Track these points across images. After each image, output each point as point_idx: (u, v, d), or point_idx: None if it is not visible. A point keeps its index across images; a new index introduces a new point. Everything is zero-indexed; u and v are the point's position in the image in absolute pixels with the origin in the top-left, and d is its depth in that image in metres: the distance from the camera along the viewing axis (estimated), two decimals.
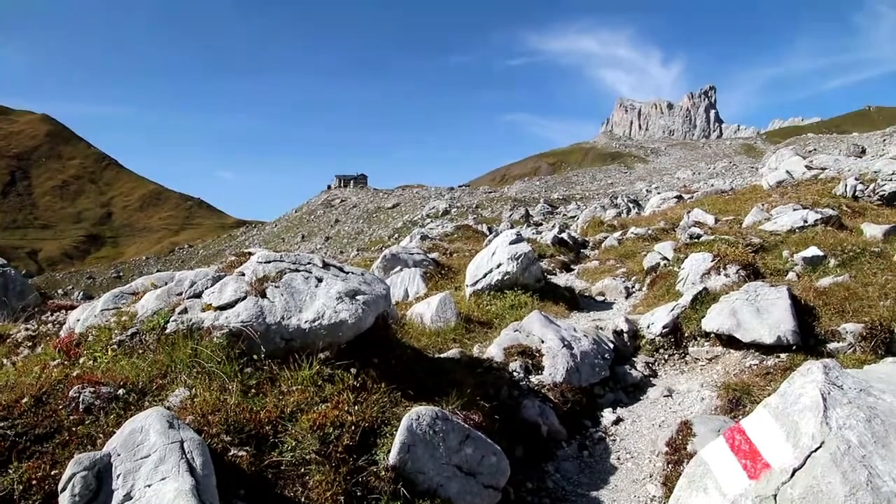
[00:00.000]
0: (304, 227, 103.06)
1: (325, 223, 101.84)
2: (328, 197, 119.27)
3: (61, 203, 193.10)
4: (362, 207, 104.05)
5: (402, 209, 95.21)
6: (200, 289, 6.64)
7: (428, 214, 78.57)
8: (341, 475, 5.08)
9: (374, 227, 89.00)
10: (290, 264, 6.81)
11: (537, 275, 13.82)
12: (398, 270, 15.99)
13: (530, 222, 49.23)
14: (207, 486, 4.19)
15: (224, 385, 5.67)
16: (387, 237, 74.83)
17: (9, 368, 7.01)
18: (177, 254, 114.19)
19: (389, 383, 6.21)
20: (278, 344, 6.05)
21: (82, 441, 5.13)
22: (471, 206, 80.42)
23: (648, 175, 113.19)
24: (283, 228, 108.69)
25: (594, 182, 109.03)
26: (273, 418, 5.43)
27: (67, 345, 6.59)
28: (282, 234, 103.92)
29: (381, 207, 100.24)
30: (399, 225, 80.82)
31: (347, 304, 6.26)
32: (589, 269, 17.98)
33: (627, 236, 20.81)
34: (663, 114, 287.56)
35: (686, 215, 20.49)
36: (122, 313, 6.95)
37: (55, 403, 5.49)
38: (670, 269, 13.61)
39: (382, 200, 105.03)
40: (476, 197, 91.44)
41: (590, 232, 26.46)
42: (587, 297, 14.80)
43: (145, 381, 5.80)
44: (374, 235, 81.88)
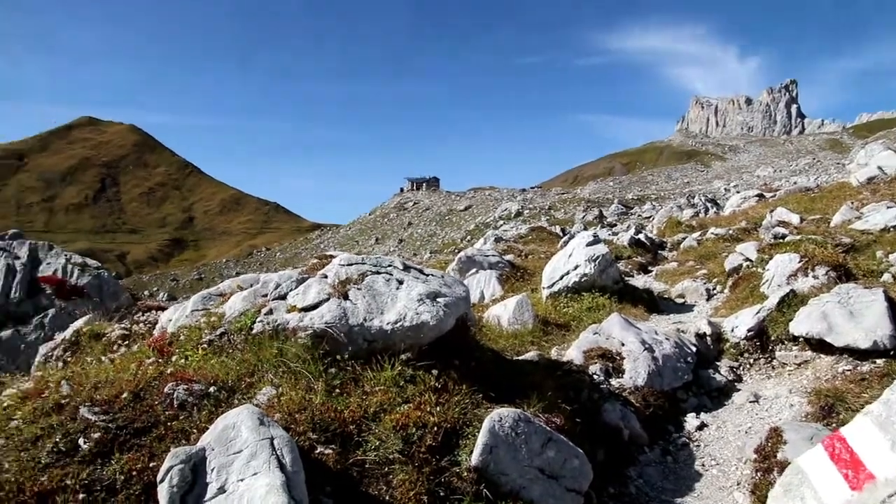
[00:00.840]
0: (377, 230, 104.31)
1: (398, 226, 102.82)
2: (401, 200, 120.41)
3: (147, 209, 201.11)
4: (434, 210, 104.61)
5: (473, 211, 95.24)
6: (285, 291, 6.82)
7: (500, 216, 78.35)
8: (424, 475, 5.13)
9: (447, 230, 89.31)
10: (371, 267, 6.92)
11: (615, 277, 13.63)
12: (474, 272, 16.02)
13: (604, 223, 48.56)
14: (297, 483, 4.30)
15: (309, 384, 5.81)
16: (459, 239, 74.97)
17: (107, 365, 7.35)
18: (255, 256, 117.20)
19: (470, 385, 6.23)
20: (361, 345, 6.15)
21: (177, 436, 5.34)
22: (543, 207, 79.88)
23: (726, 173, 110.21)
24: (356, 231, 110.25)
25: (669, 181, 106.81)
26: (357, 418, 5.52)
27: (161, 344, 6.87)
28: (356, 237, 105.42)
29: (453, 210, 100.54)
30: (471, 227, 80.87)
31: (428, 306, 6.32)
32: (667, 270, 17.62)
33: (707, 237, 20.27)
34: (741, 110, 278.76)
35: (769, 214, 19.83)
36: (211, 314, 7.20)
37: (151, 399, 5.74)
38: (754, 270, 13.20)
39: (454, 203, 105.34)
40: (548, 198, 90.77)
41: (667, 233, 25.91)
42: (666, 299, 14.49)
43: (234, 379, 6.00)
44: (447, 238, 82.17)
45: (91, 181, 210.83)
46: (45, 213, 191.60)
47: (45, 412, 5.96)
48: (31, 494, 4.76)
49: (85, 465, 5.13)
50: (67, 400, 5.96)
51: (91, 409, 5.67)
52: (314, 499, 4.61)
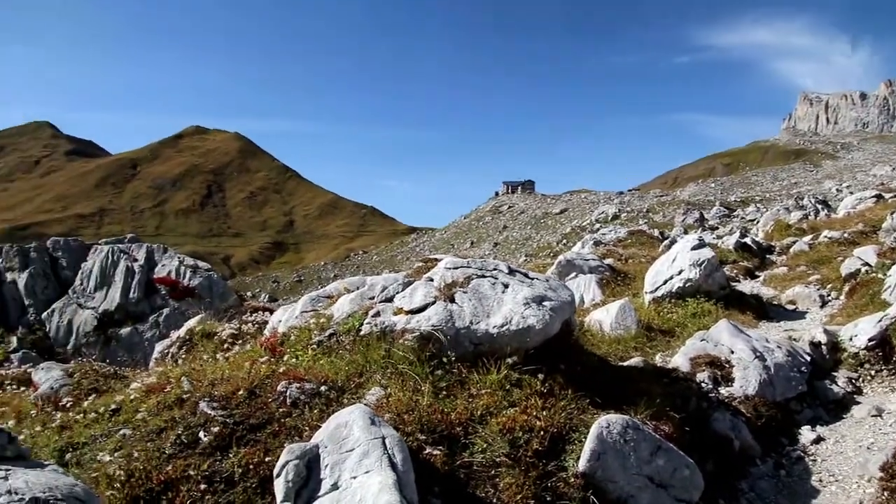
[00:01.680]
0: (472, 234, 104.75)
1: (493, 229, 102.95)
2: (496, 203, 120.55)
3: (250, 213, 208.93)
4: (530, 213, 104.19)
5: (569, 214, 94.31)
6: (391, 293, 6.95)
7: (597, 219, 77.21)
8: (531, 479, 5.11)
9: (542, 233, 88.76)
10: (476, 270, 6.96)
11: (721, 282, 13.20)
12: (573, 276, 15.86)
13: (705, 226, 47.06)
14: (407, 482, 4.36)
15: (416, 386, 5.89)
16: (555, 243, 74.35)
17: (221, 363, 7.68)
18: (352, 259, 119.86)
19: (576, 390, 6.17)
20: (467, 348, 6.19)
21: (290, 432, 5.53)
22: (641, 210, 78.21)
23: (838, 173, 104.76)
24: (452, 235, 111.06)
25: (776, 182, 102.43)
26: (463, 420, 5.56)
27: (272, 343, 7.13)
28: (451, 240, 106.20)
29: (548, 213, 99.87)
30: (567, 230, 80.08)
31: (534, 310, 6.30)
32: (776, 275, 16.91)
33: (819, 240, 19.34)
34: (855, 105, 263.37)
35: (889, 216, 18.72)
36: (320, 315, 7.41)
37: (265, 396, 5.96)
38: (873, 275, 12.50)
39: (550, 206, 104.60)
40: (646, 201, 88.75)
41: (775, 236, 24.87)
42: (776, 305, 13.91)
43: (343, 379, 6.15)
44: (542, 241, 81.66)
45: (198, 187, 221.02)
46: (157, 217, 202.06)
47: (168, 406, 6.28)
48: (158, 482, 5.03)
49: (205, 457, 5.38)
50: (188, 395, 6.27)
51: (210, 404, 5.93)
52: (423, 499, 4.67)
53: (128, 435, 6.05)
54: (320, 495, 4.43)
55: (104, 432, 6.34)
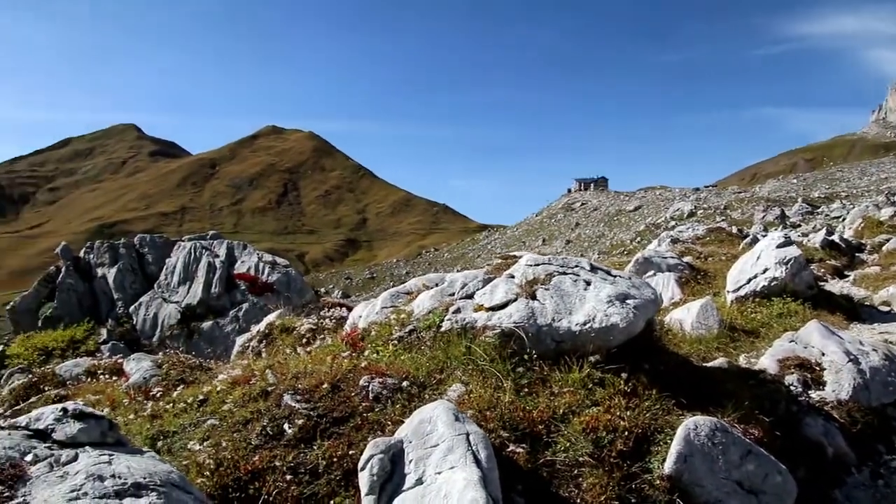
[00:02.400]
0: (544, 231, 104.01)
1: (565, 227, 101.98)
2: (568, 200, 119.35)
3: (324, 210, 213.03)
4: (603, 210, 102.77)
5: (643, 212, 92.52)
6: (472, 290, 6.93)
7: (672, 217, 75.47)
8: (615, 480, 5.01)
9: (615, 231, 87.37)
10: (558, 267, 6.88)
11: (808, 281, 12.69)
12: (651, 274, 15.53)
13: (787, 224, 45.44)
14: (492, 479, 4.34)
15: (497, 383, 5.86)
16: (628, 240, 73.08)
17: (302, 357, 7.82)
18: (424, 256, 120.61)
19: (660, 390, 6.02)
20: (549, 345, 6.12)
21: (373, 427, 5.58)
22: (718, 207, 76.04)
23: None
24: (523, 232, 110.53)
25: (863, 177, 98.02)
26: (545, 418, 5.50)
27: (353, 338, 7.22)
28: (522, 237, 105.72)
29: (621, 210, 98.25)
30: (641, 228, 78.58)
31: (618, 308, 6.18)
32: (868, 275, 16.17)
33: None
34: None
35: None
36: (400, 311, 7.46)
37: (348, 391, 6.04)
38: None
39: (623, 203, 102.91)
40: (724, 197, 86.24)
41: (865, 234, 23.81)
42: (868, 307, 13.30)
43: (424, 375, 6.18)
44: (615, 239, 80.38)
45: (274, 186, 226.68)
46: (234, 215, 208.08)
47: (253, 398, 6.43)
48: (245, 472, 5.15)
49: (290, 448, 5.48)
50: (272, 388, 6.40)
51: (294, 397, 6.04)
52: (506, 496, 4.63)
53: (215, 425, 6.23)
54: (404, 490, 4.45)
55: (193, 422, 6.54)
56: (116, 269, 26.24)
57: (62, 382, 12.10)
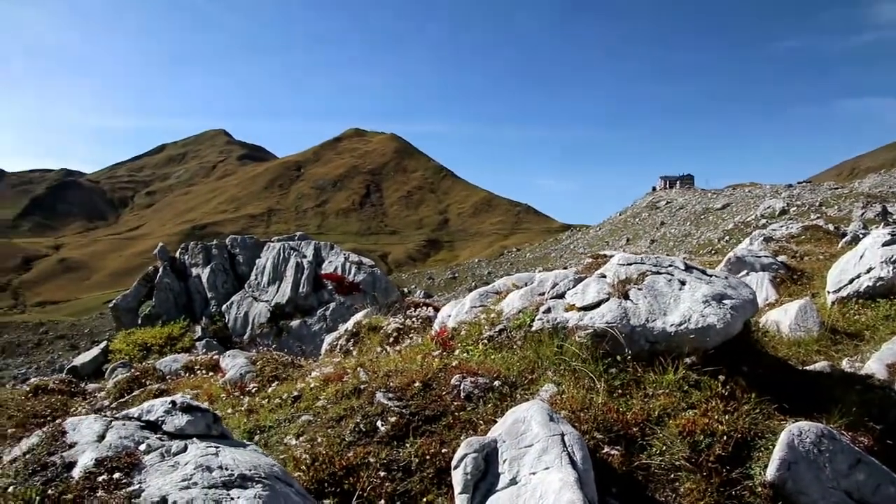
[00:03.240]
0: (628, 230, 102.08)
1: (649, 226, 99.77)
2: (653, 199, 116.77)
3: (406, 211, 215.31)
4: (689, 209, 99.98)
5: (732, 210, 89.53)
6: (563, 289, 6.86)
7: (762, 215, 72.76)
8: (713, 486, 4.87)
9: (702, 230, 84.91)
10: (651, 266, 6.74)
11: None
12: (744, 274, 15.01)
13: (888, 221, 43.12)
14: (588, 481, 4.28)
15: (590, 384, 5.79)
16: (716, 240, 70.92)
17: (392, 356, 7.92)
18: (505, 257, 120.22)
19: (759, 394, 5.81)
20: (642, 346, 6.00)
21: (465, 425, 5.60)
22: (813, 204, 72.88)
23: None
24: (607, 232, 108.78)
25: None
26: (640, 420, 5.40)
27: (443, 338, 7.26)
28: (606, 237, 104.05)
29: (709, 208, 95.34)
30: (730, 227, 76.13)
31: (714, 309, 6.00)
32: None
33: None
34: None
35: None
36: (489, 311, 7.46)
37: (439, 389, 6.08)
38: None
39: (711, 201, 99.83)
40: (818, 194, 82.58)
41: None
42: None
43: (515, 374, 6.16)
44: (703, 238, 78.13)
45: (357, 187, 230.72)
46: (319, 217, 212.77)
47: (346, 395, 6.56)
48: (340, 467, 5.25)
49: (383, 445, 5.56)
50: (365, 385, 6.51)
51: (386, 394, 6.13)
52: (601, 499, 4.57)
53: (309, 421, 6.38)
54: (498, 489, 4.44)
55: (287, 417, 6.72)
56: (209, 269, 27.24)
57: (162, 377, 12.66)
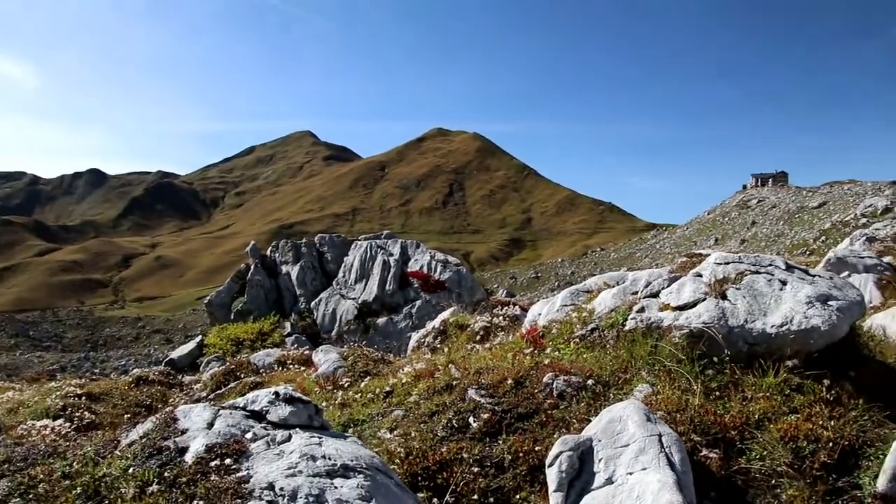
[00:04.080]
0: (716, 230, 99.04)
1: (739, 225, 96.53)
2: (743, 197, 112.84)
3: (489, 210, 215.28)
4: (782, 207, 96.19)
5: (829, 208, 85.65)
6: (656, 289, 6.75)
7: (863, 213, 69.30)
8: (818, 494, 4.70)
9: (797, 229, 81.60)
10: (749, 266, 6.55)
11: None
12: (846, 276, 14.37)
13: None
14: (686, 483, 4.21)
15: (686, 385, 5.68)
16: (811, 240, 68.06)
17: (482, 353, 7.97)
18: (589, 256, 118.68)
19: (867, 400, 5.57)
20: (741, 348, 5.84)
21: (558, 424, 5.59)
22: None
23: None
24: (694, 231, 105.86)
25: None
26: (738, 423, 5.26)
27: (534, 336, 7.25)
28: (693, 237, 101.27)
29: (803, 207, 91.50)
30: (826, 226, 72.91)
31: (818, 310, 5.78)
32: None
33: None
34: None
35: None
36: (581, 309, 7.41)
37: (531, 387, 6.09)
38: None
39: (805, 199, 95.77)
40: None
41: None
42: None
43: (608, 374, 6.10)
44: (797, 238, 75.10)
45: (441, 186, 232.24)
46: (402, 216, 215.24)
47: (437, 391, 6.65)
48: (433, 462, 5.33)
49: (475, 441, 5.61)
50: (457, 382, 6.58)
51: (478, 391, 6.18)
52: (699, 503, 4.49)
53: (402, 416, 6.50)
54: (594, 488, 4.42)
55: (380, 412, 6.86)
56: (299, 267, 27.98)
57: (256, 370, 13.12)
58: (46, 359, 71.46)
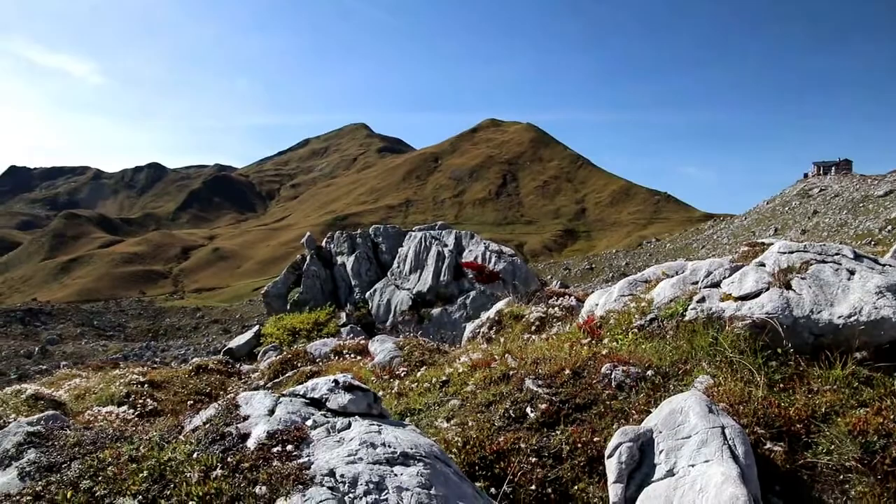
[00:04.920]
0: (776, 220, 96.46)
1: (800, 215, 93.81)
2: (805, 186, 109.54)
3: (542, 201, 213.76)
4: (846, 196, 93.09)
5: None
6: (717, 278, 6.61)
7: None
8: (889, 491, 4.56)
9: (861, 219, 78.92)
10: (815, 255, 6.36)
11: None
12: None
13: None
14: (751, 477, 4.13)
15: (748, 376, 5.55)
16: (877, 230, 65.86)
17: (538, 343, 7.93)
18: (644, 247, 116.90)
19: None
20: (806, 339, 5.69)
21: (616, 415, 5.54)
22: None
23: None
24: (753, 221, 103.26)
25: None
26: (804, 417, 5.13)
27: (591, 326, 7.18)
28: (752, 227, 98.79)
29: (868, 196, 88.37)
30: (893, 215, 70.43)
31: (890, 300, 5.58)
32: None
33: None
34: None
35: None
36: (639, 299, 7.31)
37: (589, 378, 6.04)
38: None
39: (871, 188, 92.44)
40: None
41: None
42: None
43: (668, 364, 6.01)
44: (861, 228, 72.69)
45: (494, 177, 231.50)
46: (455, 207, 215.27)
47: (494, 381, 6.65)
48: (491, 452, 5.34)
49: (533, 432, 5.60)
50: (513, 372, 6.56)
51: (535, 381, 6.15)
52: (763, 497, 4.39)
53: (458, 405, 6.51)
54: (654, 480, 4.36)
55: (436, 401, 6.89)
56: (354, 258, 28.25)
57: (312, 360, 13.30)
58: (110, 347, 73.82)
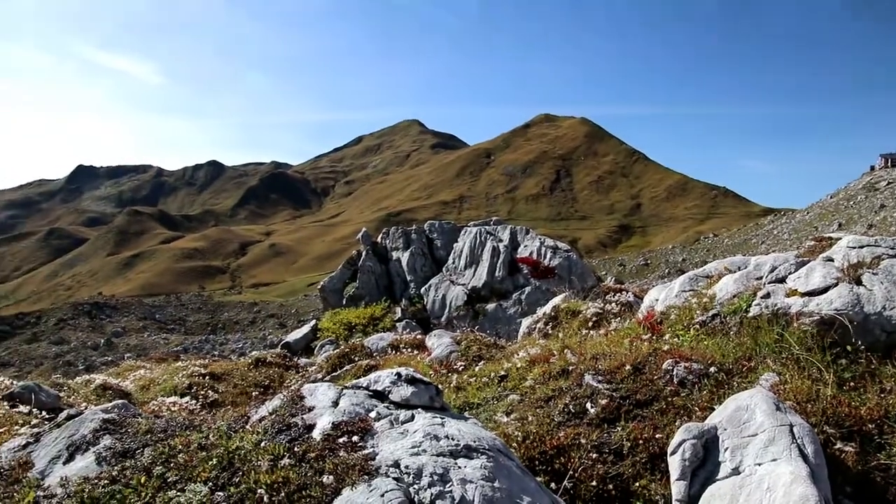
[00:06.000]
0: (840, 215, 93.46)
1: (866, 209, 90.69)
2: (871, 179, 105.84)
3: (597, 196, 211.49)
4: None
5: None
6: (783, 274, 6.46)
7: None
8: None
9: None
10: (887, 249, 6.17)
11: None
12: None
13: None
14: (821, 476, 4.03)
15: (816, 374, 5.42)
16: None
17: (597, 339, 7.88)
18: (701, 243, 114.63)
19: None
20: (877, 336, 5.52)
21: (679, 411, 5.46)
22: None
23: None
24: (815, 216, 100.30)
25: None
26: (876, 417, 4.98)
27: (651, 322, 7.10)
28: (814, 222, 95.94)
29: None
30: None
31: None
32: None
33: None
34: None
35: None
36: (701, 295, 7.19)
37: (650, 374, 5.97)
38: None
39: None
40: None
41: None
42: None
43: (731, 361, 5.90)
44: None
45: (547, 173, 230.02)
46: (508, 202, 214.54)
47: (553, 376, 6.63)
48: (551, 447, 5.33)
49: (593, 427, 5.56)
50: (572, 367, 6.53)
51: (595, 377, 6.11)
52: (834, 498, 4.28)
53: (517, 400, 6.52)
54: (719, 478, 4.29)
55: (495, 396, 6.91)
56: (409, 253, 28.47)
57: (370, 354, 13.46)
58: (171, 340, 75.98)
